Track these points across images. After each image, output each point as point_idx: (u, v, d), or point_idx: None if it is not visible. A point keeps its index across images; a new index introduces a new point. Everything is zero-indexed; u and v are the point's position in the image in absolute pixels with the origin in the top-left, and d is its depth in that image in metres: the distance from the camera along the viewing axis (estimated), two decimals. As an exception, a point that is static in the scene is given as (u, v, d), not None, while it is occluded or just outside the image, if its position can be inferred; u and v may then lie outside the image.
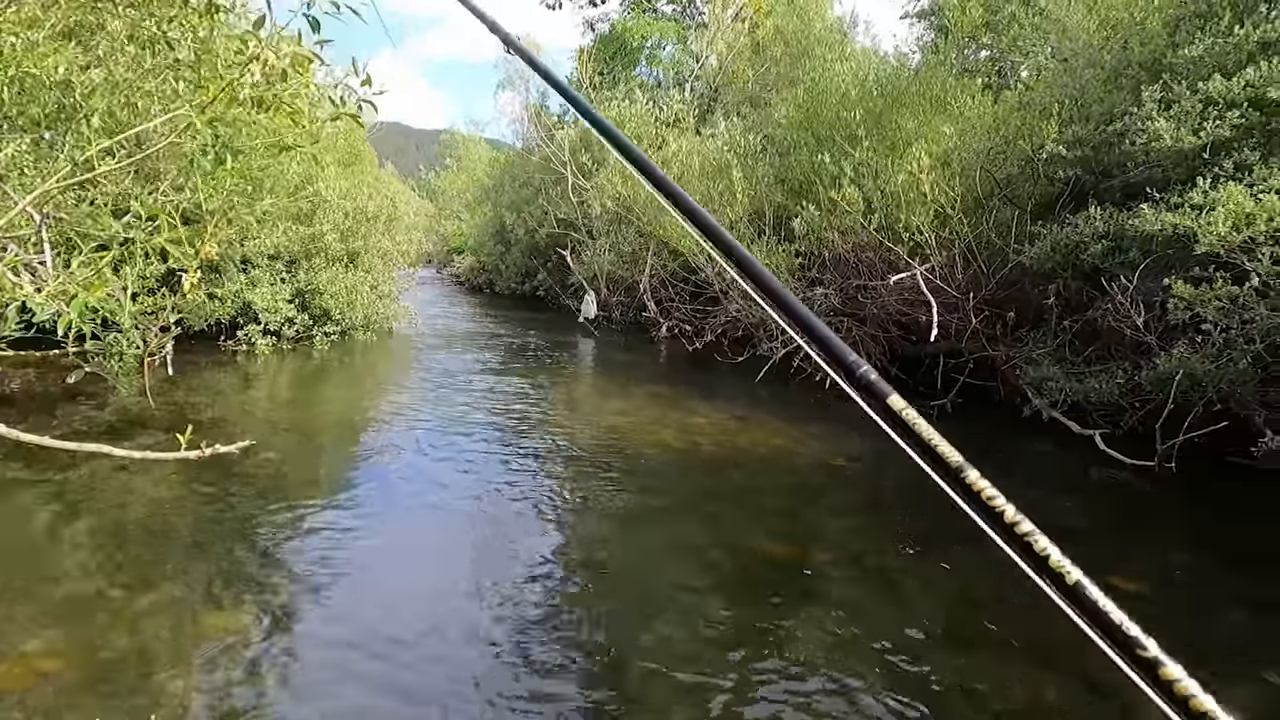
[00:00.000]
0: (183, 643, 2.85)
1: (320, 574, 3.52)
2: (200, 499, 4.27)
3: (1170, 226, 5.31)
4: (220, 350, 8.75)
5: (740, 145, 9.74)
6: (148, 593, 3.16)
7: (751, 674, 2.94)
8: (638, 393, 8.61)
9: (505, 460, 5.52)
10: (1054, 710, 2.87)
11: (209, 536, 3.81)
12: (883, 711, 2.78)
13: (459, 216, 32.78)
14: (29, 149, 2.97)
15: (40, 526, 3.74)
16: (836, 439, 6.83)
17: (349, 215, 10.65)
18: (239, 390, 7.49)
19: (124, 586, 3.20)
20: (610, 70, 16.68)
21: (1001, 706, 2.85)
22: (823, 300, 9.86)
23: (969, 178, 7.57)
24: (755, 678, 2.92)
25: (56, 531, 3.71)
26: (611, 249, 14.24)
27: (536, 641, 3.08)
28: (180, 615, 3.03)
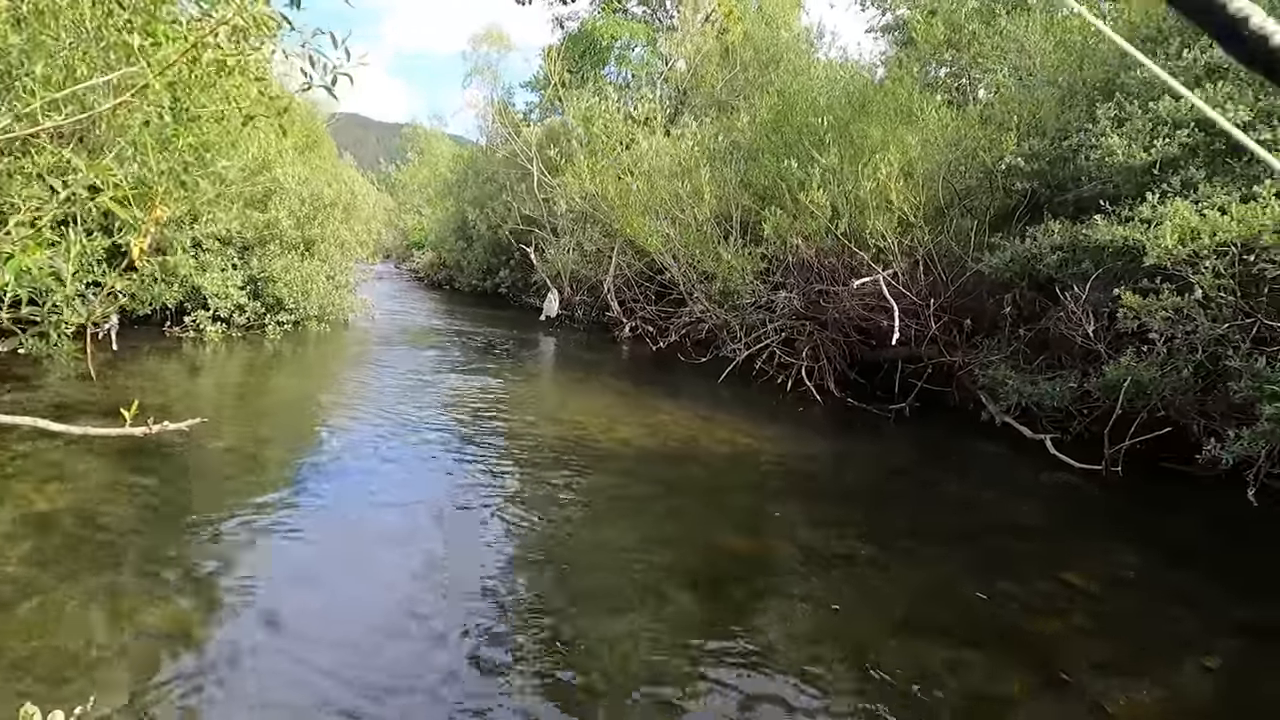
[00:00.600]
0: (115, 632, 2.69)
1: (261, 565, 3.38)
2: (139, 486, 4.06)
3: (1121, 239, 5.51)
4: (165, 336, 8.38)
5: (709, 147, 9.79)
6: (80, 581, 2.98)
7: (713, 664, 2.92)
8: (600, 391, 8.55)
9: (460, 456, 5.39)
10: (997, 691, 2.92)
11: (146, 525, 3.62)
12: (839, 696, 2.79)
13: (419, 211, 32.23)
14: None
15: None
16: (796, 439, 6.90)
17: (306, 202, 10.34)
18: (185, 378, 7.19)
19: (56, 574, 3.00)
20: (579, 69, 16.61)
21: (951, 689, 2.88)
22: (785, 304, 9.97)
23: (930, 188, 7.75)
24: (716, 667, 2.89)
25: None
26: (576, 248, 14.15)
27: (488, 633, 3.01)
28: (112, 604, 2.87)
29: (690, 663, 2.91)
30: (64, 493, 3.79)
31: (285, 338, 9.51)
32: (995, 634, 3.38)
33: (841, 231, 7.66)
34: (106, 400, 5.54)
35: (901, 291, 7.53)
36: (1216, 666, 3.24)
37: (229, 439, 5.13)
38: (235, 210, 8.98)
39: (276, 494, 4.29)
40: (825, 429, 7.60)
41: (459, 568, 3.60)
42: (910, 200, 7.35)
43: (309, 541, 3.72)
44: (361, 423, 6.03)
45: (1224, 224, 4.94)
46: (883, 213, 7.27)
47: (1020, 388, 6.61)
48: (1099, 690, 2.94)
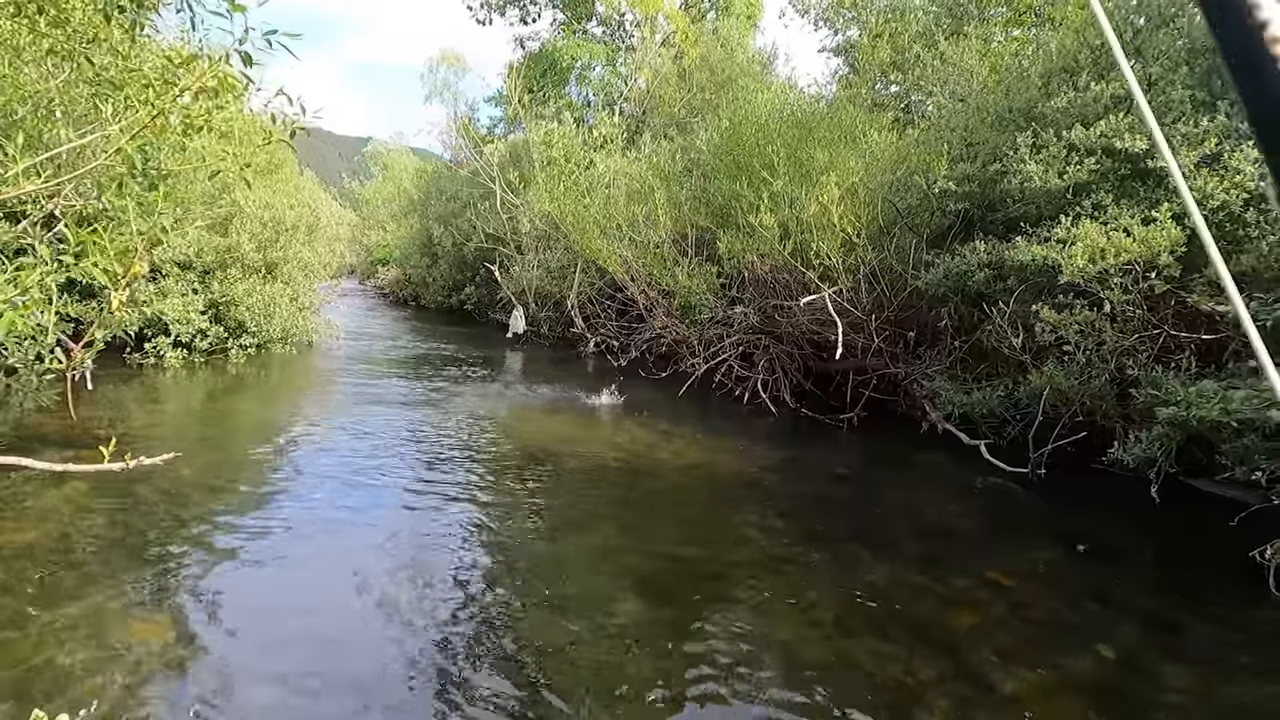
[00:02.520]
0: (95, 658, 2.85)
1: (231, 590, 3.54)
2: (109, 516, 4.19)
3: (1039, 258, 5.96)
4: (126, 364, 8.40)
5: (664, 168, 10.14)
6: (59, 608, 3.13)
7: (653, 664, 3.19)
8: (562, 408, 8.78)
9: (425, 476, 5.59)
10: (909, 681, 3.23)
11: (119, 552, 3.76)
12: (766, 690, 3.07)
13: (384, 227, 32.10)
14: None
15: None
16: (749, 450, 7.22)
17: (267, 225, 10.42)
18: (148, 406, 7.24)
19: (35, 602, 3.15)
20: (541, 88, 16.90)
21: (868, 681, 3.19)
22: (742, 319, 10.35)
23: (874, 207, 8.18)
24: (657, 668, 3.16)
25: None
26: (540, 265, 14.40)
27: (452, 650, 3.22)
28: (91, 630, 3.02)
29: (642, 670, 3.18)
30: (40, 523, 3.91)
31: (249, 361, 9.57)
32: (914, 629, 3.70)
33: (789, 251, 8.03)
34: (76, 433, 5.62)
35: (846, 308, 7.93)
36: (1112, 654, 3.61)
37: (195, 466, 5.25)
38: (195, 235, 9.04)
39: (243, 518, 4.44)
40: (778, 439, 7.94)
41: (418, 584, 3.81)
42: (853, 221, 7.76)
43: (278, 563, 3.91)
44: (325, 445, 6.19)
45: (1127, 244, 5.41)
46: (827, 233, 7.66)
47: (954, 397, 7.04)
48: (997, 676, 3.29)
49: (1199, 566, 4.76)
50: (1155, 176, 5.96)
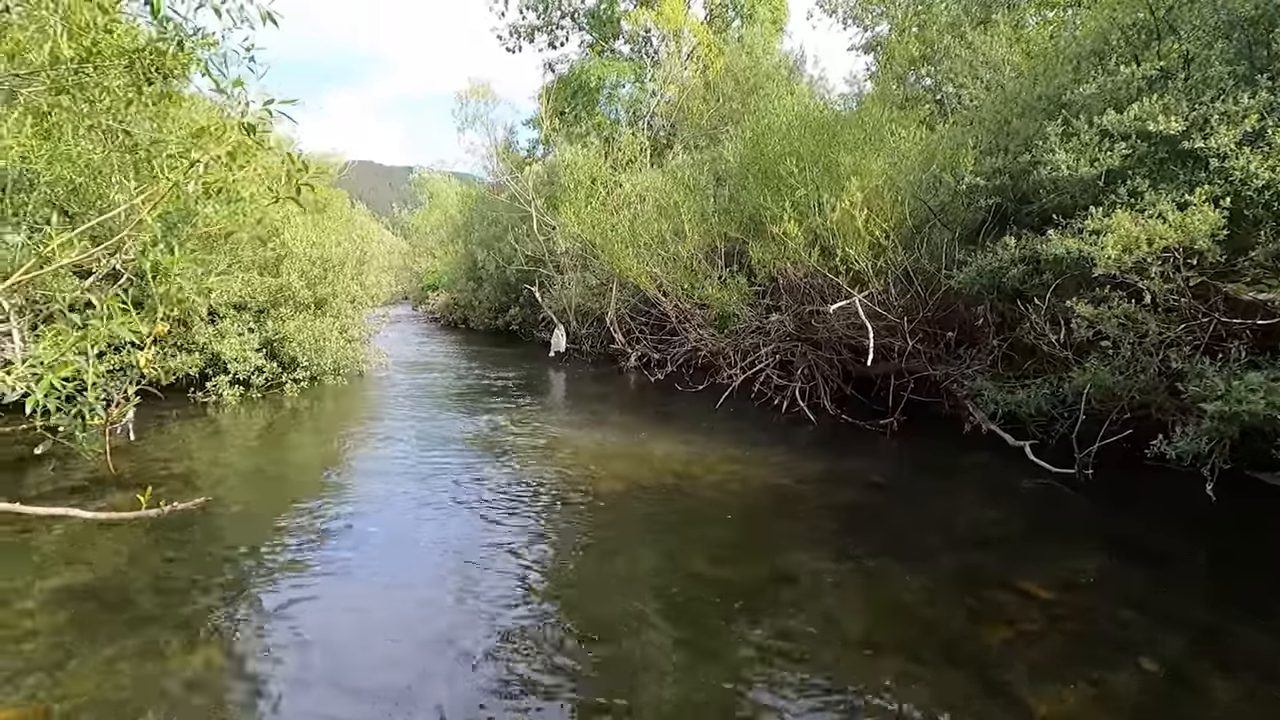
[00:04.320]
0: (158, 682, 3.06)
1: (289, 620, 3.72)
2: (166, 554, 4.45)
3: (1072, 250, 5.75)
4: (191, 403, 8.92)
5: (690, 182, 10.19)
6: (117, 644, 3.37)
7: (684, 690, 3.21)
8: (607, 425, 8.83)
9: (473, 500, 5.71)
10: (935, 701, 3.16)
11: (174, 590, 4.01)
12: (785, 712, 3.06)
13: (433, 253, 33.10)
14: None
15: (16, 586, 3.93)
16: (785, 461, 7.13)
17: (315, 263, 10.93)
18: (207, 443, 7.66)
19: (94, 639, 3.40)
20: (572, 109, 17.21)
21: (893, 701, 3.13)
22: (778, 327, 10.27)
23: (903, 207, 8.03)
24: (688, 693, 3.19)
25: (29, 590, 3.90)
26: (578, 283, 14.61)
27: (515, 674, 3.29)
28: (147, 665, 3.24)
29: (649, 686, 3.21)
30: (98, 563, 4.20)
31: (303, 394, 10.02)
32: (943, 647, 3.61)
33: (815, 259, 7.96)
34: (133, 475, 6.01)
35: (878, 311, 7.79)
36: (1156, 668, 3.45)
37: (247, 501, 5.55)
38: (243, 278, 9.55)
39: (294, 549, 4.63)
40: (815, 449, 7.83)
41: (474, 611, 3.89)
42: (881, 223, 7.64)
43: (331, 592, 4.05)
44: (376, 473, 6.43)
45: (1163, 231, 5.17)
46: (854, 237, 7.56)
47: (995, 397, 6.83)
48: (1029, 695, 3.18)
49: (1257, 570, 4.49)
50: (1195, 158, 5.68)
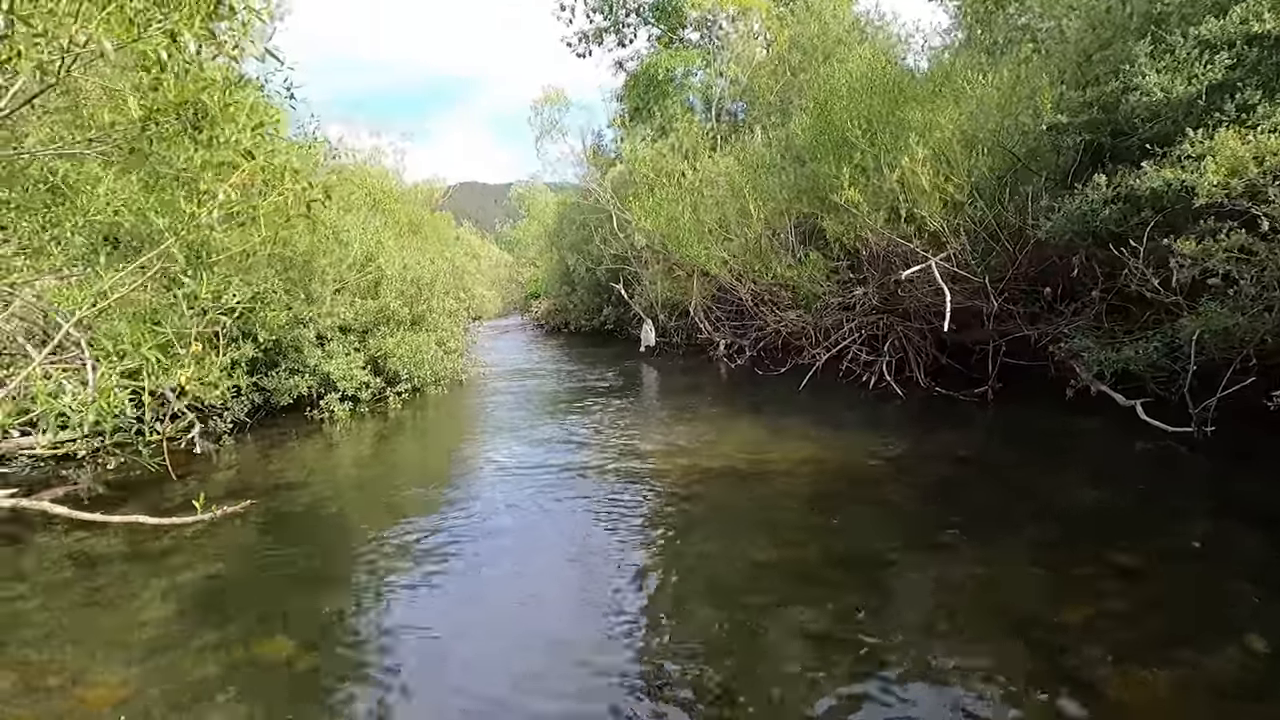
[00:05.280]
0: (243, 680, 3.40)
1: (392, 622, 3.89)
2: (270, 554, 4.91)
3: (1170, 182, 5.09)
4: (308, 420, 9.78)
5: (754, 161, 9.93)
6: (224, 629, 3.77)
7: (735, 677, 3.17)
8: (695, 417, 8.65)
9: (572, 494, 5.77)
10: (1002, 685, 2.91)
11: (280, 588, 4.40)
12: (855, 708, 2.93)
13: (534, 263, 34.35)
14: (72, 276, 3.75)
15: (136, 584, 4.48)
16: (870, 440, 6.80)
17: (409, 284, 11.66)
18: (321, 454, 8.36)
19: (193, 631, 3.83)
20: (645, 104, 17.27)
21: (959, 687, 2.92)
22: (863, 300, 9.82)
23: (988, 158, 7.42)
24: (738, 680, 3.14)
25: (152, 585, 4.43)
26: (664, 276, 14.65)
27: (634, 669, 3.25)
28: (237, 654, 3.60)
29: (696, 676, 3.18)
30: (211, 562, 4.71)
31: (405, 405, 10.71)
32: (1016, 627, 3.31)
33: (883, 224, 7.53)
34: (252, 485, 6.68)
35: (958, 273, 7.25)
36: (1263, 647, 3.00)
37: (356, 505, 6.01)
38: (345, 300, 10.34)
39: (398, 550, 4.80)
40: (903, 425, 7.41)
41: (587, 609, 3.86)
42: (953, 178, 7.11)
43: (443, 586, 4.20)
44: (476, 473, 6.70)
45: (1275, 145, 4.46)
46: (925, 197, 7.08)
47: (1099, 355, 6.16)
48: (1112, 677, 2.87)
49: None
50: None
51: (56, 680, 3.39)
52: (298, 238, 8.19)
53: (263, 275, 8.40)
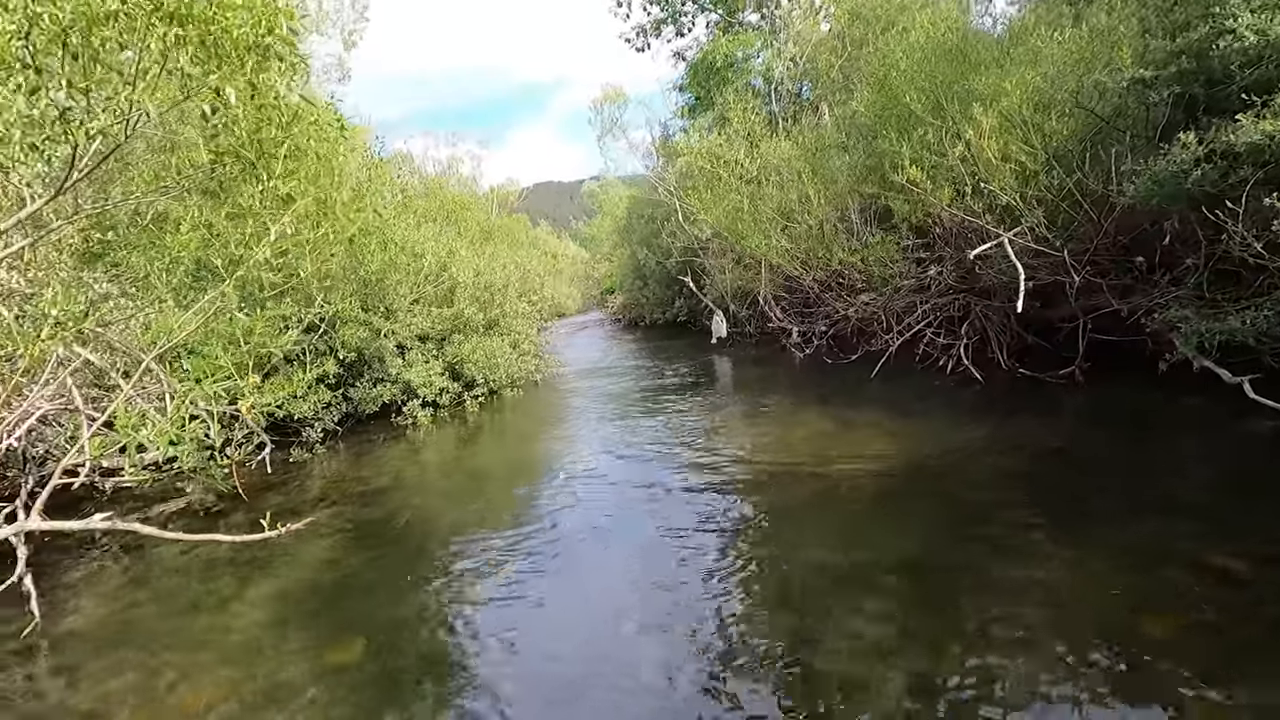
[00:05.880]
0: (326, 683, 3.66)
1: (474, 616, 4.11)
2: (355, 560, 5.24)
3: (1273, 134, 4.58)
4: (393, 426, 10.32)
5: (813, 144, 9.62)
6: (309, 639, 4.08)
7: (775, 687, 3.15)
8: (770, 407, 8.53)
9: (645, 499, 5.74)
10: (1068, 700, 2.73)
11: (363, 593, 4.70)
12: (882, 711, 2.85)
13: (609, 258, 34.70)
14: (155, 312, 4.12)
15: (232, 591, 4.89)
16: (944, 430, 6.51)
17: (483, 289, 12.07)
18: (405, 459, 8.80)
19: (291, 636, 4.15)
20: (706, 92, 17.06)
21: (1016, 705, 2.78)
22: (937, 280, 9.37)
23: (1067, 120, 6.89)
24: (778, 691, 3.12)
25: (247, 591, 4.82)
26: (733, 266, 14.47)
27: (711, 675, 3.27)
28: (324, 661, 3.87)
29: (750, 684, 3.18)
30: (303, 568, 5.08)
31: (482, 409, 11.10)
32: (1091, 638, 3.10)
33: (949, 199, 7.14)
34: (332, 493, 7.12)
35: (1037, 248, 6.79)
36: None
37: (437, 508, 6.31)
38: (426, 310, 10.81)
39: (482, 551, 5.01)
40: (982, 411, 7.03)
41: (670, 609, 3.88)
42: (1031, 147, 6.66)
43: (519, 589, 4.34)
44: (554, 472, 6.86)
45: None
46: (993, 170, 6.66)
47: (1198, 327, 5.63)
48: (1181, 700, 2.65)
49: None
50: None
51: (162, 681, 3.76)
52: (369, 256, 8.60)
53: (341, 294, 8.89)
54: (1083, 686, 2.80)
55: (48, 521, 3.82)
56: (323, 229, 3.70)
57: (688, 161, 16.88)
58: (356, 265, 9.02)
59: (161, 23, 2.76)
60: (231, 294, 3.22)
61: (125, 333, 4.36)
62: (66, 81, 2.59)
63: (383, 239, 8.05)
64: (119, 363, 4.15)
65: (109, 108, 2.70)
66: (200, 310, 3.42)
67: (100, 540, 5.91)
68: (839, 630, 3.46)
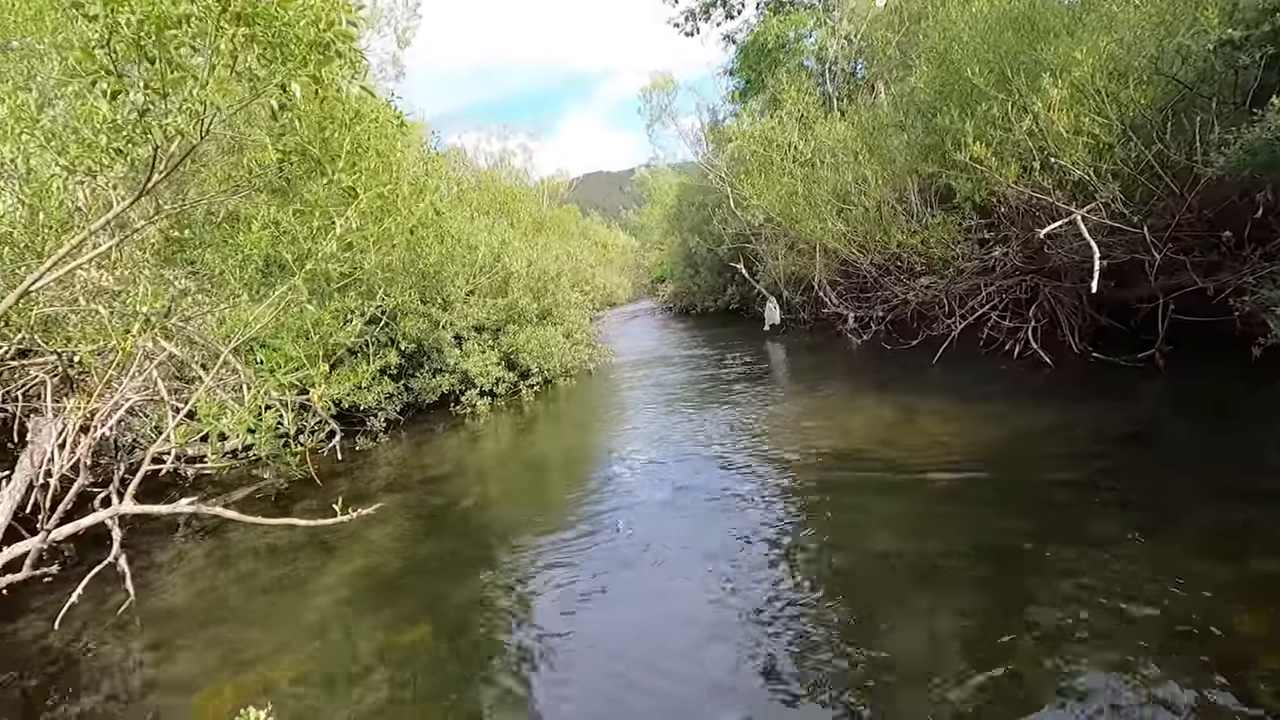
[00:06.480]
0: (395, 661, 3.79)
1: (534, 600, 4.22)
2: (420, 544, 5.40)
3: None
4: (451, 415, 10.56)
5: (870, 124, 9.34)
6: (379, 619, 4.23)
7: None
8: (826, 395, 8.38)
9: (701, 488, 5.71)
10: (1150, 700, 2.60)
11: (428, 575, 4.84)
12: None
13: (659, 247, 34.59)
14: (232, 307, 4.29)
15: (308, 572, 5.10)
16: (1011, 416, 6.27)
17: (536, 279, 12.20)
18: (464, 448, 9.00)
19: (364, 616, 4.31)
20: (757, 75, 16.76)
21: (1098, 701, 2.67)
22: (1002, 261, 9.01)
23: (1144, 90, 6.50)
24: (845, 682, 3.08)
25: (323, 572, 5.03)
26: (786, 252, 14.23)
27: (787, 652, 3.30)
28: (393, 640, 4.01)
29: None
30: (373, 552, 5.26)
31: (537, 398, 11.25)
32: (1184, 635, 2.94)
33: (1016, 178, 6.82)
34: (396, 480, 7.34)
35: (1112, 225, 6.44)
36: None
37: (497, 495, 6.46)
38: (476, 301, 11.00)
39: (540, 537, 5.12)
40: (1051, 398, 6.74)
41: (721, 596, 3.88)
42: (1105, 118, 6.31)
43: (577, 573, 4.43)
44: (609, 460, 6.95)
45: None
46: (1064, 144, 6.34)
47: (1295, 307, 5.25)
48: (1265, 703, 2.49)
49: None
50: None
51: (245, 656, 3.96)
52: (427, 249, 8.78)
53: (400, 287, 9.12)
54: (1170, 685, 2.67)
55: (139, 505, 4.06)
56: (384, 223, 3.80)
57: (739, 146, 16.65)
58: (415, 259, 9.23)
59: (230, 24, 2.86)
60: (301, 287, 3.35)
61: (203, 327, 4.58)
62: (144, 84, 2.70)
63: (440, 232, 8.20)
64: (198, 356, 4.39)
65: (184, 108, 2.82)
66: (272, 304, 3.57)
67: (186, 524, 6.26)
68: (907, 621, 3.38)
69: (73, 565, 5.31)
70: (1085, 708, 2.63)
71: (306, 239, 3.47)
